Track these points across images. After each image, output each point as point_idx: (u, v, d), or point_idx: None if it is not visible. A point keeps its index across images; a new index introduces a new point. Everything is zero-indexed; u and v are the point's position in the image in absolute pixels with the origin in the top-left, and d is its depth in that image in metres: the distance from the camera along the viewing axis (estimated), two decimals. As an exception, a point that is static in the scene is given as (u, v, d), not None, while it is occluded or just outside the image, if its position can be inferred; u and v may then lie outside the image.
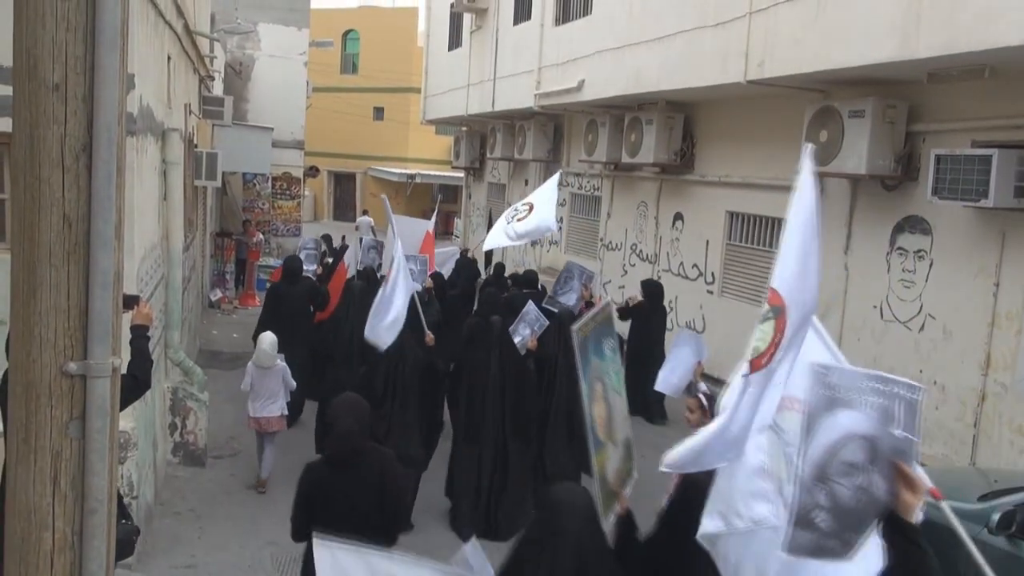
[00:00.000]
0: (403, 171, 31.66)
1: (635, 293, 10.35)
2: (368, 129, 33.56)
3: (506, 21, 16.50)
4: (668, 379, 6.04)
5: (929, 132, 8.01)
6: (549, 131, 16.01)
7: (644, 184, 13.14)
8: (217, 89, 16.16)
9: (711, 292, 11.40)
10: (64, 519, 2.17)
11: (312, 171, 26.16)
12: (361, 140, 33.45)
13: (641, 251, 13.21)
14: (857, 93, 8.30)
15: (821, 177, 8.93)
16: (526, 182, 18.03)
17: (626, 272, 13.68)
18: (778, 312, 2.60)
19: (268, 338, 7.20)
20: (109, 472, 2.21)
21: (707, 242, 11.50)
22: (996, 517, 4.88)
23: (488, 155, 19.13)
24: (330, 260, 11.70)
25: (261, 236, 18.24)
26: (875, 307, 8.60)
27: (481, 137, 20.21)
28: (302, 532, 3.93)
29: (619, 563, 3.07)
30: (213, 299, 15.64)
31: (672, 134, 11.76)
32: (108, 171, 2.12)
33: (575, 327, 3.59)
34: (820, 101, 8.67)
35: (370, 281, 9.42)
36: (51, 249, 2.11)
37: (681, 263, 12.13)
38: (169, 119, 7.99)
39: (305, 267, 10.18)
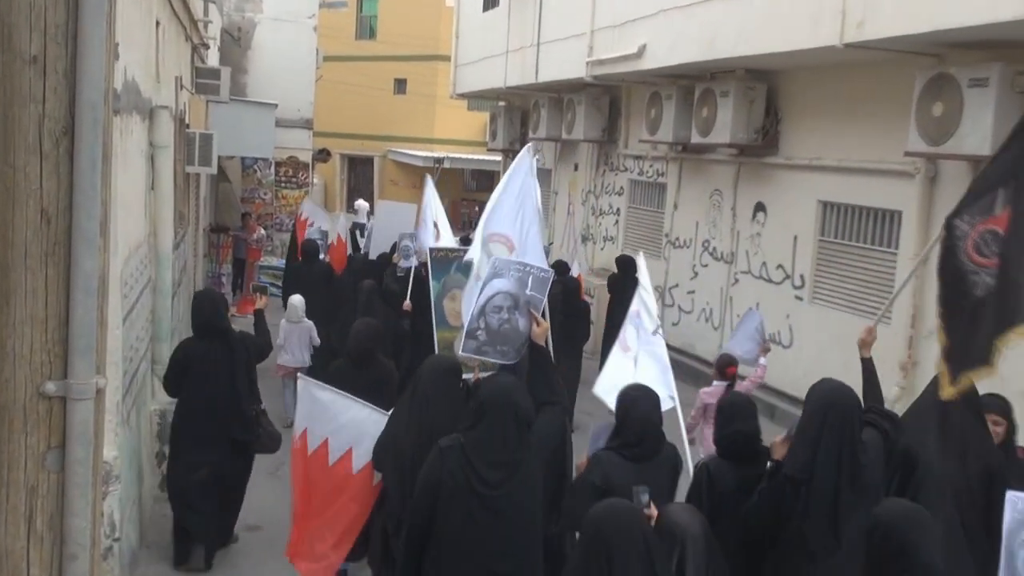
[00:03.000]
0: (429, 154, 31.73)
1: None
2: (388, 105, 33.76)
3: (552, -25, 16.53)
4: (733, 348, 8.29)
5: (1068, 104, 7.86)
6: (604, 106, 15.98)
7: (718, 168, 13.06)
8: (212, 59, 16.39)
9: (800, 298, 11.27)
10: (40, 566, 2.21)
11: (322, 155, 26.38)
12: (380, 118, 33.64)
13: (715, 249, 13.12)
14: (979, 58, 8.16)
15: (934, 159, 8.86)
16: (576, 167, 17.99)
17: (696, 274, 13.58)
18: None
19: (296, 298, 10.04)
20: (92, 511, 2.24)
21: (795, 238, 11.38)
22: None
23: (530, 135, 19.10)
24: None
25: (263, 232, 18.43)
26: (1001, 317, 8.43)
27: (522, 114, 20.24)
28: None
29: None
30: (207, 306, 15.81)
31: (752, 108, 11.67)
32: (92, 158, 2.16)
33: (432, 247, 6.14)
34: (933, 68, 8.54)
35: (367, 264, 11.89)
36: (27, 249, 2.15)
37: (763, 263, 12.01)
38: (157, 95, 8.12)
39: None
